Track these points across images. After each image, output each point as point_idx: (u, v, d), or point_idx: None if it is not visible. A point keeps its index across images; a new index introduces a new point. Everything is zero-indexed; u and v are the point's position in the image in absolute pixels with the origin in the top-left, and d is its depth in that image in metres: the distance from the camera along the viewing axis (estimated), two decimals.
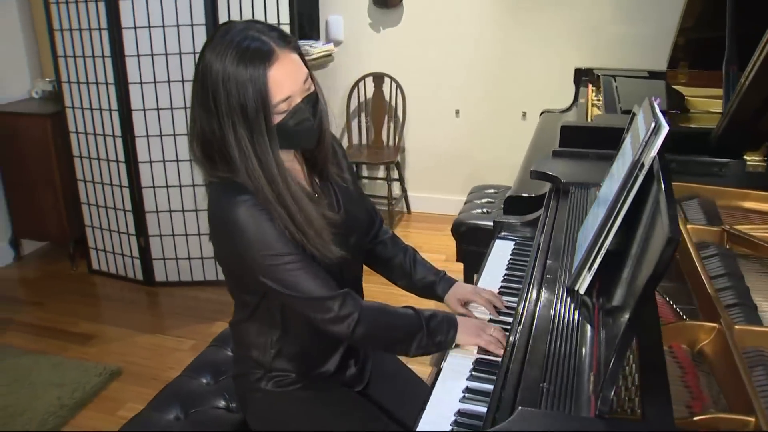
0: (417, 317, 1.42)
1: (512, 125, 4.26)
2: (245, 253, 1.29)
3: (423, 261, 1.68)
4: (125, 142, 3.30)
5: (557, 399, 0.93)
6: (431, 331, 1.41)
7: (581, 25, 3.95)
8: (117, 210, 3.48)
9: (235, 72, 1.20)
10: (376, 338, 1.42)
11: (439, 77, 4.32)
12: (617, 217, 1.15)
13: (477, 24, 4.14)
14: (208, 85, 1.23)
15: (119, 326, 3.21)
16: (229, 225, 1.28)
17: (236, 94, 1.21)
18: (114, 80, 3.21)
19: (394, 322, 1.42)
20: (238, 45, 1.21)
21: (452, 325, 1.43)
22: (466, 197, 3.41)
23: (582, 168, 1.92)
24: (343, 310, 1.33)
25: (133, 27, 3.13)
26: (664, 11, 3.65)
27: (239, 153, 1.25)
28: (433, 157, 4.54)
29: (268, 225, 1.27)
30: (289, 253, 1.29)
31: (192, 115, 1.31)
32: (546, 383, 0.95)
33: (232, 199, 1.27)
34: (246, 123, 1.23)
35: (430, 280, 1.64)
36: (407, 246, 1.70)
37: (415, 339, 1.40)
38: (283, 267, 1.29)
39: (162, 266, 3.54)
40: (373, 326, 1.38)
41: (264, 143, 1.24)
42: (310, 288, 1.31)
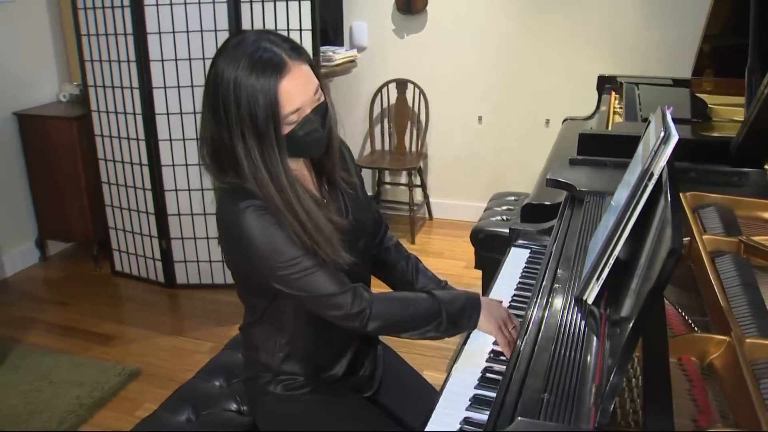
0: (434, 303, 1.41)
1: (535, 132, 4.23)
2: (254, 259, 1.30)
3: (425, 270, 1.68)
4: (149, 145, 3.35)
5: (558, 410, 0.92)
6: (451, 315, 1.40)
7: (605, 32, 3.92)
8: (140, 212, 3.52)
9: (246, 82, 1.21)
10: (392, 329, 1.41)
11: (462, 83, 4.31)
12: (626, 226, 1.14)
13: (500, 31, 4.12)
14: (219, 94, 1.24)
15: (140, 327, 3.25)
16: (236, 230, 1.29)
17: (247, 104, 1.21)
18: (138, 84, 3.26)
19: (409, 310, 1.40)
20: (250, 56, 1.22)
21: (475, 308, 1.42)
22: (486, 204, 3.40)
23: (599, 176, 1.91)
24: (355, 307, 1.33)
25: (158, 32, 3.18)
26: (688, 18, 3.60)
27: (248, 163, 1.25)
28: (455, 164, 4.53)
29: (275, 229, 1.28)
30: (298, 256, 1.29)
31: (202, 121, 1.32)
32: (547, 393, 0.94)
33: (239, 205, 1.28)
34: (256, 133, 1.24)
35: (431, 289, 1.62)
36: (410, 254, 1.71)
37: (431, 324, 1.40)
38: (293, 270, 1.29)
39: (183, 269, 3.57)
40: (386, 318, 1.37)
41: (273, 154, 1.25)
42: (320, 287, 1.31)
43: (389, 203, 4.71)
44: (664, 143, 1.09)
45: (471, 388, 1.36)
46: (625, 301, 1.12)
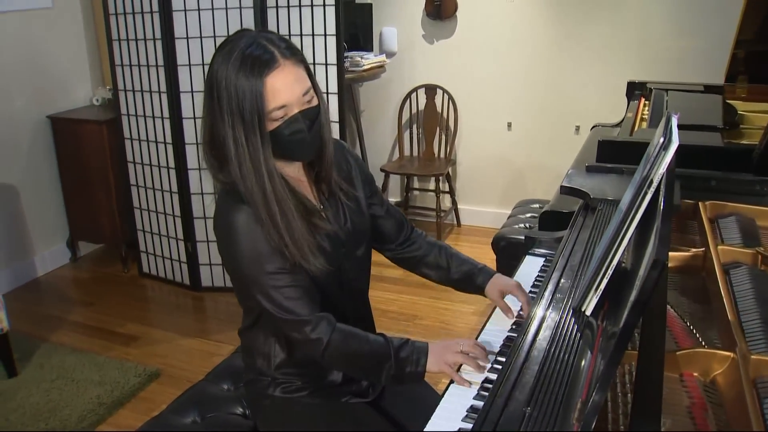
0: (387, 346, 1.38)
1: (565, 139, 4.16)
2: (238, 263, 1.32)
3: (458, 253, 1.66)
4: (176, 149, 3.39)
5: (539, 424, 0.88)
6: (400, 361, 1.37)
7: (635, 38, 3.84)
8: (167, 215, 3.57)
9: (235, 77, 1.25)
10: (344, 364, 1.43)
11: (491, 89, 4.27)
12: (624, 236, 1.10)
13: (530, 37, 4.07)
14: (214, 87, 1.29)
15: (163, 329, 3.29)
16: (226, 232, 1.32)
17: (235, 97, 1.25)
18: (166, 88, 3.31)
19: (363, 349, 1.38)
20: (242, 51, 1.26)
21: (422, 353, 1.38)
22: (511, 211, 3.35)
23: (614, 183, 1.86)
24: (314, 334, 1.35)
25: (186, 37, 3.22)
26: (720, 24, 3.51)
27: (236, 153, 1.28)
28: (484, 170, 4.48)
29: (262, 239, 1.30)
30: (278, 270, 1.32)
31: (203, 116, 1.34)
32: (529, 408, 0.91)
33: (231, 208, 1.31)
34: (243, 124, 1.26)
35: (467, 270, 1.61)
36: (441, 243, 1.69)
37: (384, 368, 1.37)
38: (270, 282, 1.33)
39: (208, 271, 3.60)
40: (341, 353, 1.37)
41: (257, 144, 1.27)
42: (290, 306, 1.34)
43: (417, 209, 4.68)
44: (664, 150, 1.04)
45: (470, 399, 1.33)
46: (623, 312, 1.08)
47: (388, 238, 1.65)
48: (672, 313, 1.32)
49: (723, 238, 1.62)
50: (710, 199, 1.74)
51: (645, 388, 0.93)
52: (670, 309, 1.32)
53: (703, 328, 1.29)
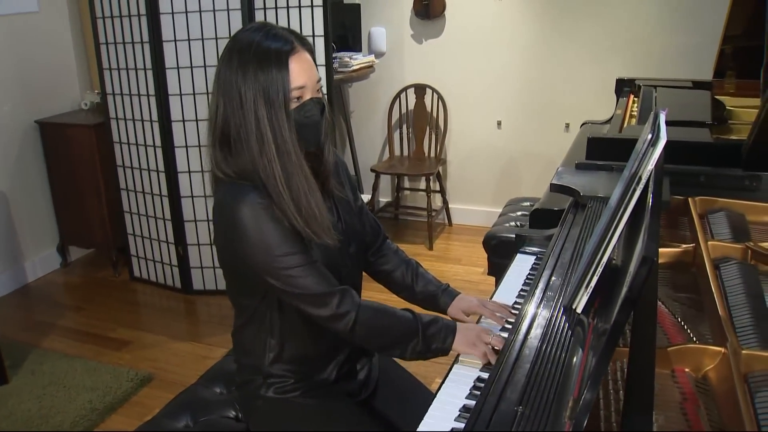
0: (415, 321, 1.41)
1: (555, 137, 4.17)
2: (248, 253, 1.32)
3: (425, 273, 1.67)
4: (165, 152, 3.37)
5: (531, 424, 0.88)
6: (427, 337, 1.40)
7: (624, 35, 3.85)
8: (157, 219, 3.55)
9: (262, 47, 1.29)
10: (372, 338, 1.42)
11: (480, 88, 4.27)
12: (614, 233, 1.10)
13: (519, 35, 4.08)
14: (236, 65, 1.29)
15: (155, 333, 3.27)
16: (231, 224, 1.31)
17: (261, 71, 1.28)
18: (155, 92, 3.29)
19: (391, 324, 1.41)
20: (266, 33, 1.32)
21: (450, 332, 1.41)
22: (502, 210, 3.35)
23: (604, 181, 1.86)
24: (341, 308, 1.35)
25: (173, 40, 3.21)
26: (708, 20, 3.52)
27: (256, 132, 1.29)
28: (474, 169, 4.49)
29: (271, 225, 1.30)
30: (291, 252, 1.32)
31: (215, 101, 1.34)
32: (522, 407, 0.91)
33: (236, 199, 1.31)
34: (266, 99, 1.28)
35: (431, 291, 1.63)
36: (410, 259, 1.70)
37: (410, 343, 1.40)
38: (285, 264, 1.32)
39: (199, 274, 3.59)
40: (370, 326, 1.38)
41: (281, 121, 1.29)
42: (310, 284, 1.34)
43: (408, 209, 4.68)
44: (653, 146, 1.04)
45: (462, 399, 1.33)
46: (614, 309, 1.08)
47: (366, 245, 1.66)
48: (663, 308, 1.32)
49: (713, 233, 1.62)
50: (700, 195, 1.74)
51: (637, 384, 0.93)
52: (660, 305, 1.32)
53: (693, 324, 1.29)
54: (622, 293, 1.05)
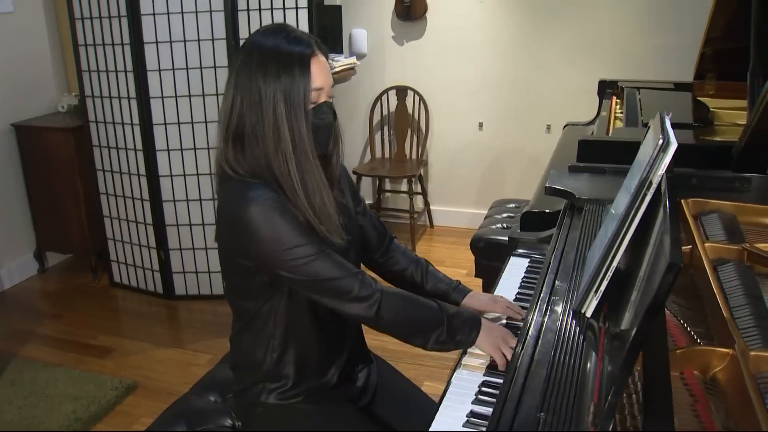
0: (440, 311, 1.40)
1: (537, 138, 4.20)
2: (259, 248, 1.31)
3: (435, 272, 1.67)
4: (146, 156, 3.32)
5: (555, 428, 0.88)
6: (453, 329, 1.39)
7: (605, 37, 3.89)
8: (138, 223, 3.50)
9: (285, 48, 1.31)
10: (397, 324, 1.40)
11: (462, 90, 4.29)
12: (624, 237, 1.10)
13: (500, 37, 4.10)
14: (256, 65, 1.31)
15: (137, 340, 3.22)
16: (240, 221, 1.30)
17: (284, 73, 1.29)
18: (136, 95, 3.24)
19: (417, 311, 1.40)
20: (287, 33, 1.34)
21: (475, 326, 1.40)
22: (487, 211, 3.36)
23: (598, 183, 1.87)
24: (364, 291, 1.34)
25: (155, 42, 3.16)
26: (689, 22, 3.58)
27: (274, 129, 1.30)
28: (456, 171, 4.50)
29: (281, 218, 1.30)
30: (304, 243, 1.31)
31: (230, 100, 1.34)
32: (543, 413, 0.91)
33: (245, 195, 1.30)
34: (286, 98, 1.29)
35: (442, 289, 1.63)
36: (419, 258, 1.70)
37: (434, 333, 1.39)
38: (298, 255, 1.31)
39: (182, 280, 3.54)
40: (395, 312, 1.37)
41: (300, 119, 1.30)
42: (326, 271, 1.33)
43: (390, 211, 4.67)
44: (663, 151, 1.05)
45: (468, 404, 1.32)
46: (624, 314, 1.08)
47: (372, 247, 1.67)
48: (666, 311, 1.33)
49: (707, 234, 1.64)
50: (691, 197, 1.76)
51: (654, 388, 0.93)
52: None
53: (694, 326, 1.30)
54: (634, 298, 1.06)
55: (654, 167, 1.06)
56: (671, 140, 1.05)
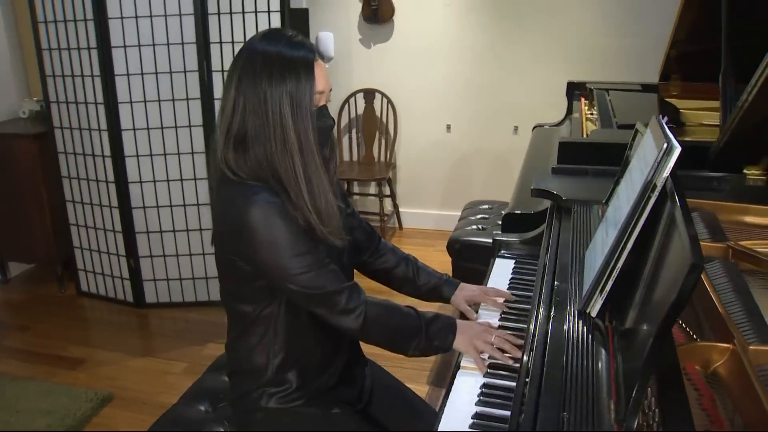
0: (418, 318, 1.44)
1: (504, 140, 4.26)
2: (258, 253, 1.32)
3: (425, 266, 1.72)
4: (115, 162, 3.26)
5: (579, 428, 0.90)
6: (430, 335, 1.43)
7: (571, 39, 3.97)
8: (106, 231, 3.43)
9: (289, 53, 1.32)
10: (380, 334, 1.44)
11: (429, 92, 4.32)
12: (629, 239, 1.13)
13: (467, 39, 4.14)
14: (260, 69, 1.31)
15: (109, 350, 3.15)
16: (241, 224, 1.31)
17: (290, 77, 1.30)
18: (103, 100, 3.17)
19: (397, 320, 1.44)
20: (289, 38, 1.35)
21: (451, 329, 1.45)
22: (461, 213, 3.40)
23: (582, 185, 1.91)
24: (351, 303, 1.37)
25: (123, 46, 3.10)
26: (652, 24, 3.68)
27: (280, 130, 1.31)
28: (425, 173, 4.53)
29: (283, 224, 1.31)
30: (303, 252, 1.33)
31: (231, 103, 1.34)
32: (566, 413, 0.92)
33: (247, 198, 1.31)
34: (291, 101, 1.31)
35: (434, 283, 1.68)
36: (408, 255, 1.74)
37: (414, 340, 1.43)
38: (298, 265, 1.33)
39: (152, 287, 3.48)
40: (378, 322, 1.41)
41: (306, 118, 1.32)
42: (324, 283, 1.35)
43: (359, 214, 4.66)
44: (667, 155, 1.08)
45: (472, 405, 1.34)
46: (630, 313, 1.11)
47: (362, 248, 1.69)
48: None
49: None
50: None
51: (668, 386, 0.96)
52: None
53: (688, 322, 1.34)
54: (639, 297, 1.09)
55: (658, 170, 1.09)
56: (675, 144, 1.08)
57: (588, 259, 1.34)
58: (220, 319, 3.67)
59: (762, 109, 1.59)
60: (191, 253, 3.43)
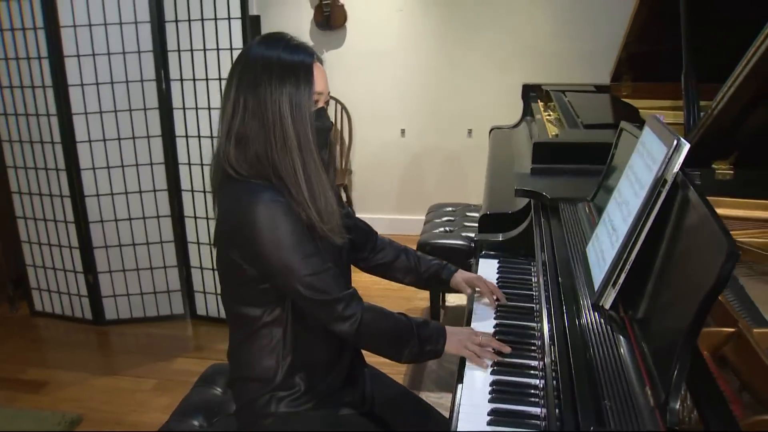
0: (409, 323, 1.46)
1: (458, 142, 4.33)
2: (261, 254, 1.33)
3: (423, 255, 1.78)
4: (70, 175, 3.15)
5: (621, 416, 0.93)
6: (422, 340, 1.45)
7: (524, 42, 4.08)
8: (62, 247, 3.31)
9: (289, 57, 1.35)
10: (374, 340, 1.46)
11: (383, 98, 4.35)
12: (641, 233, 1.18)
13: (420, 44, 4.19)
14: (259, 68, 1.34)
15: (72, 370, 3.03)
16: (246, 222, 1.33)
17: (290, 80, 1.33)
18: (56, 111, 3.07)
19: (391, 324, 1.46)
20: (287, 42, 1.38)
21: (441, 334, 1.48)
22: (425, 217, 3.43)
23: (562, 184, 1.96)
24: (348, 311, 1.39)
25: (77, 55, 3.02)
26: (602, 27, 3.81)
27: (281, 128, 1.33)
28: (380, 178, 4.55)
29: (287, 224, 1.33)
30: (308, 254, 1.35)
31: (232, 103, 1.36)
32: (608, 401, 0.96)
33: (253, 196, 1.33)
34: (290, 103, 1.33)
35: (435, 269, 1.73)
36: (406, 246, 1.78)
37: (407, 346, 1.44)
38: (304, 266, 1.34)
39: (112, 303, 3.38)
40: (373, 328, 1.43)
41: (306, 118, 1.34)
42: (323, 287, 1.36)
43: None
44: (677, 151, 1.14)
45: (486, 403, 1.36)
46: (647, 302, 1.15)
47: (360, 247, 1.71)
48: None
49: None
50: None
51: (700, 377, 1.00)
52: None
53: None
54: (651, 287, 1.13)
55: (669, 166, 1.14)
56: (683, 141, 1.14)
57: (591, 254, 1.39)
58: (184, 332, 3.62)
59: (733, 109, 1.68)
60: (152, 267, 3.35)
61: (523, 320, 1.68)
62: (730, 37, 2.34)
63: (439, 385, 2.86)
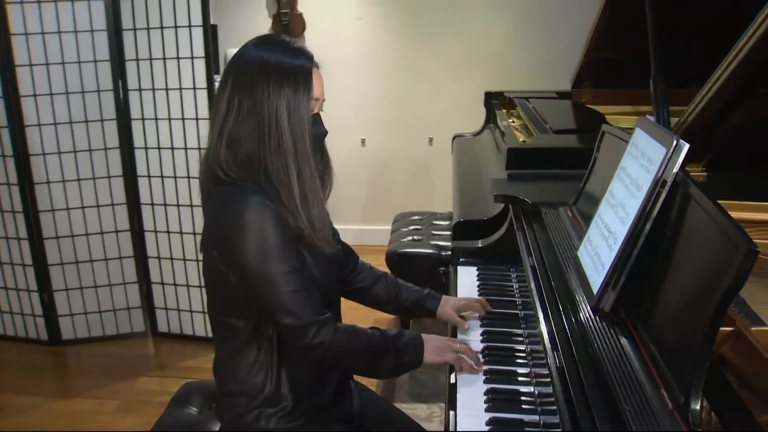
0: (384, 338, 1.43)
1: (419, 151, 4.33)
2: (245, 256, 1.29)
3: (403, 282, 1.72)
4: (23, 190, 3.02)
5: (641, 419, 0.92)
6: (399, 351, 1.42)
7: (482, 50, 4.11)
8: (14, 265, 3.16)
9: (288, 61, 1.33)
10: (347, 362, 1.44)
11: (343, 107, 4.31)
12: (641, 235, 1.18)
13: (380, 53, 4.18)
14: (256, 70, 1.31)
15: (29, 394, 2.90)
16: (235, 225, 1.29)
17: (288, 84, 1.31)
18: (8, 123, 2.94)
19: (363, 344, 1.42)
20: (286, 45, 1.37)
21: (418, 342, 1.45)
22: (391, 226, 3.41)
23: (539, 188, 1.96)
24: (315, 339, 1.34)
25: (29, 64, 2.90)
26: (561, 34, 3.87)
27: (277, 132, 1.30)
28: (341, 188, 4.43)
29: (274, 230, 1.29)
30: (291, 270, 1.31)
31: (225, 104, 1.33)
32: (626, 405, 0.95)
33: (242, 199, 1.30)
34: (289, 108, 1.31)
35: (417, 298, 1.68)
36: (385, 272, 1.73)
37: (383, 361, 1.41)
38: (284, 281, 1.30)
39: (69, 322, 3.25)
40: (343, 350, 1.38)
41: (303, 123, 1.33)
42: (300, 308, 1.32)
43: None
44: (676, 152, 1.14)
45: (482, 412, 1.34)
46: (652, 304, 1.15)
47: (341, 266, 1.66)
48: None
49: None
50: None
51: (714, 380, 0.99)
52: None
53: None
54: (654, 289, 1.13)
55: (669, 167, 1.14)
56: (682, 142, 1.14)
57: (584, 257, 1.38)
58: (145, 350, 3.49)
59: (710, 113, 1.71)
60: (111, 284, 3.23)
61: (509, 326, 1.67)
62: (693, 42, 2.43)
63: (411, 396, 2.83)
